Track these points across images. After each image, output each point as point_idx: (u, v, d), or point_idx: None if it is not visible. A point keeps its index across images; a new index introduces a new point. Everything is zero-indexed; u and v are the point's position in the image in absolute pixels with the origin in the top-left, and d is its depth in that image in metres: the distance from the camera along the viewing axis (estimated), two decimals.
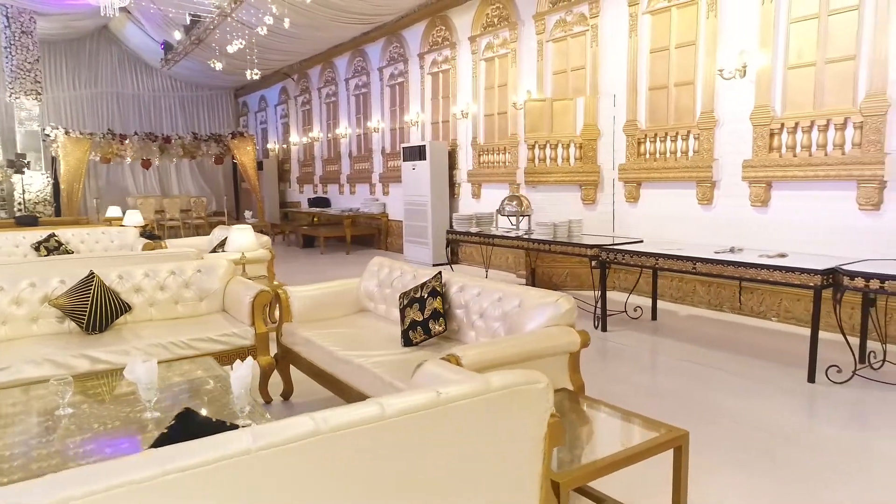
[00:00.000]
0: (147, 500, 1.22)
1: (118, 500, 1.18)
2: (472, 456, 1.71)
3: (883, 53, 5.09)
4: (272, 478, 1.38)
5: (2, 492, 1.15)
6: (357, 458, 1.51)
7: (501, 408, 1.74)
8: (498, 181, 9.42)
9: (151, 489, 1.22)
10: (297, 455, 1.41)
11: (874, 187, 5.23)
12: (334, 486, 1.49)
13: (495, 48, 9.31)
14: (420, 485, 1.63)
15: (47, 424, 2.61)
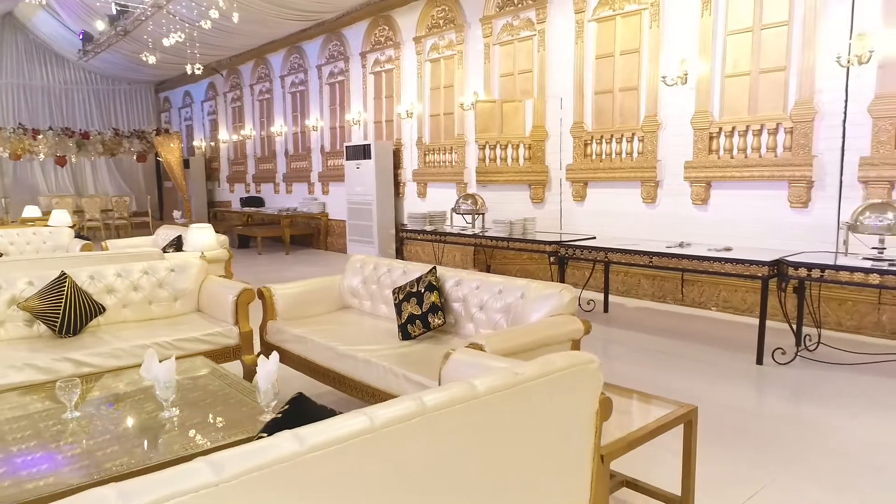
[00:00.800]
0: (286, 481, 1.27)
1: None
2: (539, 432, 1.84)
3: (810, 65, 5.63)
4: (385, 459, 1.46)
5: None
6: (454, 434, 1.60)
7: (564, 386, 1.88)
8: (444, 180, 9.58)
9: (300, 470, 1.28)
10: (401, 435, 1.49)
11: (803, 187, 5.77)
12: (435, 461, 1.58)
13: (441, 49, 9.46)
14: (499, 461, 1.74)
15: (64, 428, 2.51)
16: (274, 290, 4.06)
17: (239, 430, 2.47)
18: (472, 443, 1.65)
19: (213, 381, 3.03)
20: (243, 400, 2.85)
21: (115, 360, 3.49)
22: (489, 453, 1.71)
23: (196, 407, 2.71)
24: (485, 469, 1.70)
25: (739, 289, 6.29)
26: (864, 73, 5.33)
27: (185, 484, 1.15)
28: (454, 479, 1.62)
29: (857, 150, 5.43)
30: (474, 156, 8.87)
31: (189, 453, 2.25)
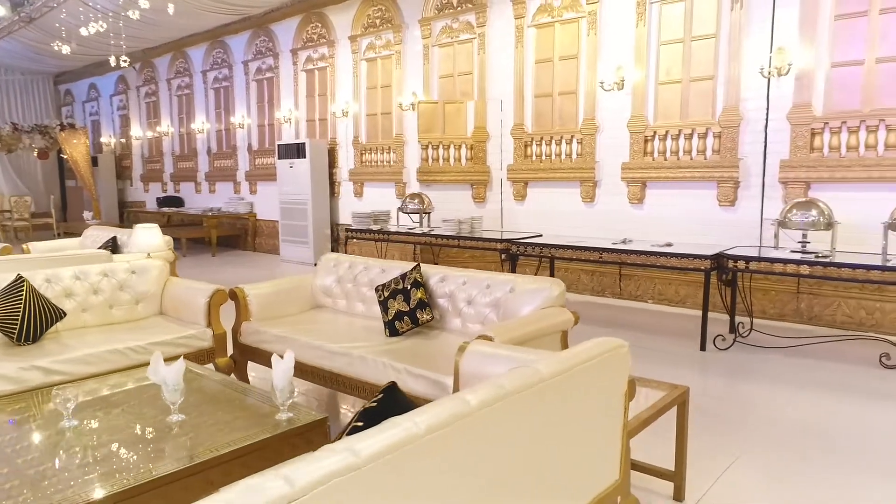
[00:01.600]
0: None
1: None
2: (583, 413, 1.97)
3: (736, 75, 6.14)
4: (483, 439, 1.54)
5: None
6: (522, 414, 1.70)
7: (602, 370, 2.02)
8: (382, 180, 9.59)
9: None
10: (489, 416, 1.57)
11: (730, 187, 6.28)
12: (512, 438, 1.67)
13: (378, 49, 9.46)
14: (552, 441, 1.86)
15: (71, 436, 2.39)
16: (247, 291, 3.98)
17: (258, 429, 2.44)
18: (536, 422, 1.76)
19: (207, 384, 2.96)
20: (244, 399, 2.81)
21: (88, 366, 3.31)
22: (546, 433, 1.82)
23: (200, 409, 2.65)
24: (543, 448, 1.81)
25: (673, 282, 6.74)
26: (783, 83, 5.88)
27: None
28: (523, 454, 1.72)
29: (777, 154, 5.98)
30: (414, 155, 8.96)
31: (222, 453, 2.22)
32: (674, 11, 6.54)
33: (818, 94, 5.75)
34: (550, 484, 1.85)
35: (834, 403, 3.99)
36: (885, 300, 5.54)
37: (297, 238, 10.28)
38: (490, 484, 1.60)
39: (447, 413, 1.46)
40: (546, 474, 1.84)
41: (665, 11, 6.60)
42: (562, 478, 1.90)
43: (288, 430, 2.44)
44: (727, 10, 6.16)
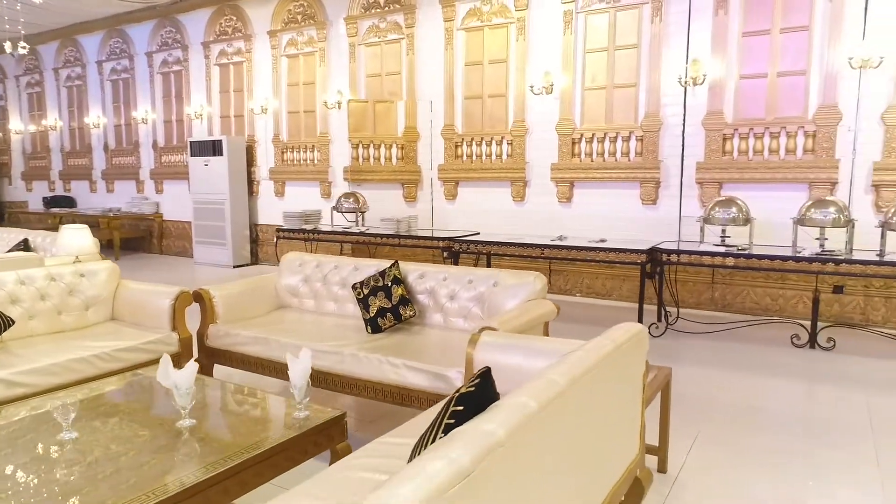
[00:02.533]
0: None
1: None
2: (618, 392, 2.14)
3: (656, 83, 6.64)
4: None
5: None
6: (586, 395, 1.84)
7: (631, 352, 2.20)
8: (306, 179, 9.42)
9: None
10: (573, 394, 1.70)
11: (652, 187, 6.78)
12: (580, 416, 1.80)
13: (300, 45, 9.28)
14: (600, 418, 2.01)
15: (65, 452, 2.23)
16: (213, 292, 3.84)
17: (278, 429, 2.41)
18: (593, 401, 1.90)
19: (205, 387, 2.85)
20: (251, 400, 2.75)
21: (54, 377, 3.08)
22: (596, 413, 1.97)
23: (207, 412, 2.57)
24: (594, 428, 1.96)
25: (600, 276, 7.17)
26: (698, 92, 6.44)
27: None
28: (583, 433, 1.86)
29: (694, 157, 6.54)
30: (340, 154, 8.89)
31: (253, 455, 2.18)
32: (598, 22, 6.95)
33: (729, 102, 6.35)
34: (598, 460, 2.00)
35: (763, 380, 4.46)
36: (787, 288, 6.22)
37: (213, 240, 9.85)
38: (563, 460, 1.72)
39: (551, 393, 1.56)
40: (596, 451, 1.98)
41: (590, 21, 7.00)
42: (605, 454, 2.06)
43: (312, 428, 2.42)
44: (647, 23, 6.65)
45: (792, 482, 2.96)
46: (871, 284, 5.82)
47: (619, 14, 6.82)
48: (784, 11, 6.01)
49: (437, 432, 1.57)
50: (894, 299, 5.79)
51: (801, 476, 3.02)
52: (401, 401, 3.08)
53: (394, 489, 1.13)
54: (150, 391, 2.82)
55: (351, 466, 1.98)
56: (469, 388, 1.60)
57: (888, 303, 5.81)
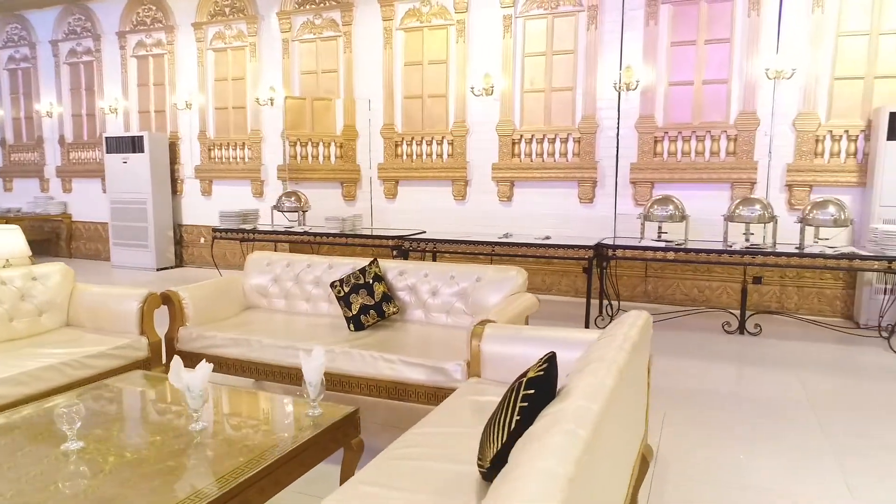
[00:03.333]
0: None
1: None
2: (637, 373, 2.30)
3: (592, 88, 6.98)
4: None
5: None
6: (627, 383, 1.98)
7: (646, 336, 2.37)
8: (236, 177, 9.11)
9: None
10: (626, 374, 1.82)
11: (589, 186, 7.13)
12: (620, 401, 1.93)
13: (228, 39, 8.96)
14: (630, 397, 2.15)
15: (70, 464, 2.11)
16: (182, 294, 3.69)
17: (295, 430, 2.39)
18: (629, 389, 2.04)
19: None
20: (253, 401, 2.69)
21: (23, 387, 2.86)
22: (629, 399, 2.11)
23: (215, 414, 2.50)
24: (628, 411, 2.10)
25: (541, 272, 7.44)
26: (631, 97, 6.84)
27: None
28: (625, 417, 2.00)
29: (628, 158, 6.93)
30: (273, 152, 8.69)
31: (277, 458, 2.15)
32: (537, 27, 7.21)
33: (659, 107, 6.78)
34: (629, 440, 2.14)
35: (706, 365, 4.84)
36: (712, 280, 6.74)
37: (133, 241, 9.32)
38: (615, 447, 1.84)
39: (614, 374, 1.67)
40: (628, 433, 2.13)
41: (529, 26, 7.25)
42: (632, 434, 2.21)
43: (332, 424, 2.42)
44: (584, 30, 6.98)
45: (761, 452, 3.25)
46: (785, 275, 6.42)
47: (557, 20, 7.10)
48: (708, 24, 6.50)
49: (512, 415, 1.65)
50: (805, 288, 6.41)
51: (767, 447, 3.32)
52: (397, 396, 3.11)
53: (523, 487, 1.14)
54: (142, 396, 2.70)
55: (406, 456, 2.00)
56: (538, 373, 1.69)
57: (800, 291, 6.43)
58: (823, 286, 6.34)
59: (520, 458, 1.23)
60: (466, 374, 2.94)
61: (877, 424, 3.64)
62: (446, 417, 2.34)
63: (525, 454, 1.24)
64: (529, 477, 1.12)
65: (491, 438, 1.66)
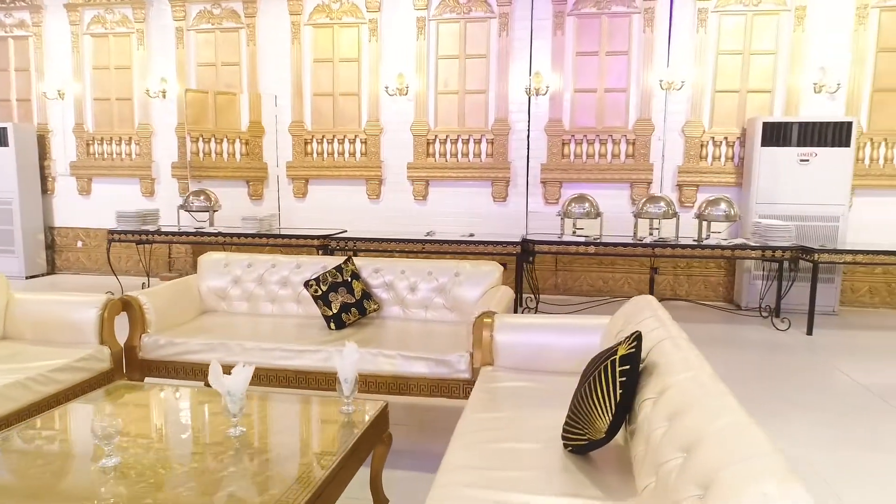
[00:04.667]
0: None
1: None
2: None
3: (504, 92, 7.32)
4: None
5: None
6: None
7: None
8: (121, 175, 8.39)
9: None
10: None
11: (503, 185, 7.46)
12: None
13: (110, 24, 8.22)
14: None
15: (110, 482, 1.95)
16: (142, 299, 3.42)
17: (338, 430, 2.36)
18: None
19: (202, 399, 2.62)
20: (279, 403, 2.61)
21: None
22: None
23: (248, 419, 2.41)
24: None
25: None
26: (541, 102, 7.27)
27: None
28: None
29: (538, 159, 7.36)
30: (167, 148, 8.15)
31: (334, 467, 2.14)
32: (450, 30, 7.41)
33: (566, 112, 7.27)
34: None
35: None
36: (615, 272, 7.36)
37: None
38: None
39: (684, 352, 1.89)
40: None
41: (442, 29, 7.43)
42: None
43: (374, 420, 2.42)
44: (496, 36, 7.29)
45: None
46: (678, 265, 7.18)
47: (469, 25, 7.36)
48: (609, 37, 7.09)
49: (614, 389, 1.80)
50: (693, 276, 7.22)
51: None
52: (398, 391, 3.14)
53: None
54: (145, 406, 2.51)
55: (484, 440, 2.08)
56: (630, 350, 1.85)
57: (689, 280, 7.22)
58: (709, 274, 7.18)
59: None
60: (470, 364, 3.05)
61: (784, 386, 4.25)
62: (488, 404, 2.44)
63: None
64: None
65: (596, 413, 1.80)
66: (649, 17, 6.93)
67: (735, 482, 1.10)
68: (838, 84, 6.62)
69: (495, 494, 1.71)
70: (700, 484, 1.20)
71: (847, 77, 6.64)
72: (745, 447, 1.20)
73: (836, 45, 6.65)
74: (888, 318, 6.42)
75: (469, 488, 1.75)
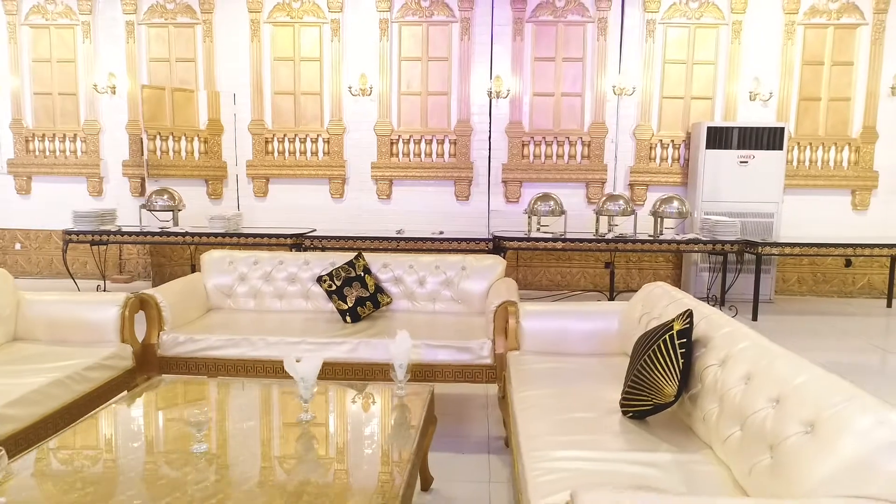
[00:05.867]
0: None
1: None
2: None
3: (466, 94, 7.57)
4: None
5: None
6: None
7: None
8: (65, 174, 8.03)
9: None
10: None
11: (465, 185, 7.71)
12: None
13: (51, 16, 7.84)
14: None
15: (205, 470, 2.04)
16: (158, 297, 3.41)
17: (414, 409, 2.51)
18: None
19: (256, 390, 2.71)
20: (331, 392, 2.72)
21: (37, 406, 2.52)
22: None
23: (316, 406, 2.52)
24: None
25: None
26: (501, 104, 7.57)
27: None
28: None
29: (499, 159, 7.66)
30: (117, 146, 7.91)
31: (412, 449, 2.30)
32: (413, 32, 7.58)
33: (526, 114, 7.61)
34: None
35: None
36: (572, 266, 7.76)
37: None
38: None
39: (731, 326, 2.18)
40: None
41: (405, 31, 7.59)
42: None
43: (430, 402, 2.59)
44: (457, 40, 7.53)
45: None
46: (629, 259, 7.67)
47: (432, 28, 7.56)
48: (565, 44, 7.48)
49: (676, 359, 2.07)
50: (644, 269, 7.72)
51: None
52: (423, 377, 3.29)
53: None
54: (203, 398, 2.57)
55: (544, 413, 2.30)
56: (685, 325, 2.12)
57: (641, 273, 7.72)
58: (658, 268, 7.71)
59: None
60: (492, 350, 3.26)
61: None
62: (532, 383, 2.66)
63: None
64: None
65: (663, 381, 2.06)
66: (602, 27, 7.37)
67: (840, 418, 1.38)
68: (770, 93, 7.30)
69: (584, 453, 1.93)
70: (804, 422, 1.47)
71: (778, 86, 7.33)
72: (835, 393, 1.48)
73: (768, 57, 7.32)
74: (816, 304, 7.15)
75: (557, 451, 1.96)
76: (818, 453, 1.37)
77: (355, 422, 2.42)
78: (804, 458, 1.40)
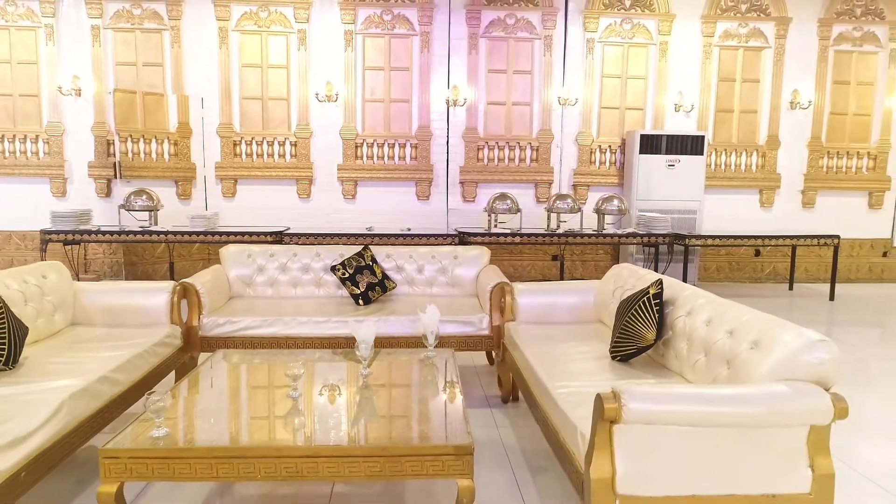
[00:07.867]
0: None
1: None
2: None
3: (427, 101, 8.22)
4: None
5: None
6: None
7: None
8: (27, 175, 8.07)
9: None
10: None
11: (426, 185, 8.36)
12: None
13: (11, 17, 7.88)
14: None
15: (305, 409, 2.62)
16: (197, 285, 3.88)
17: (450, 369, 3.15)
18: None
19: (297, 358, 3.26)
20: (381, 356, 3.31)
21: (129, 374, 2.98)
22: None
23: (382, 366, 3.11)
24: None
25: None
26: (458, 111, 8.27)
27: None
28: None
29: (457, 162, 8.35)
30: (82, 147, 8.05)
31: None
32: (376, 44, 8.15)
33: (480, 121, 8.34)
34: None
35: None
36: (523, 259, 8.56)
37: None
38: None
39: (689, 289, 2.96)
40: None
41: (368, 42, 8.15)
42: None
43: (453, 359, 3.23)
44: (418, 52, 8.16)
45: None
46: (573, 252, 8.55)
47: (394, 41, 8.16)
48: (515, 58, 8.26)
49: (653, 313, 2.81)
50: (587, 262, 8.63)
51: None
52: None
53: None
54: (268, 364, 3.12)
55: (553, 361, 2.99)
56: (658, 290, 2.87)
57: (583, 264, 8.62)
58: (598, 259, 8.63)
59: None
60: (490, 323, 3.94)
61: None
62: (532, 345, 3.34)
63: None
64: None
65: (644, 329, 2.79)
66: (548, 43, 8.20)
67: (773, 335, 2.15)
68: (692, 105, 8.36)
69: (589, 382, 2.64)
70: (750, 342, 2.24)
71: (698, 100, 8.41)
72: (769, 323, 2.26)
73: (690, 73, 8.39)
74: (732, 289, 8.26)
75: (570, 381, 2.67)
76: (761, 360, 2.13)
77: (405, 374, 3.03)
78: (752, 364, 2.16)
